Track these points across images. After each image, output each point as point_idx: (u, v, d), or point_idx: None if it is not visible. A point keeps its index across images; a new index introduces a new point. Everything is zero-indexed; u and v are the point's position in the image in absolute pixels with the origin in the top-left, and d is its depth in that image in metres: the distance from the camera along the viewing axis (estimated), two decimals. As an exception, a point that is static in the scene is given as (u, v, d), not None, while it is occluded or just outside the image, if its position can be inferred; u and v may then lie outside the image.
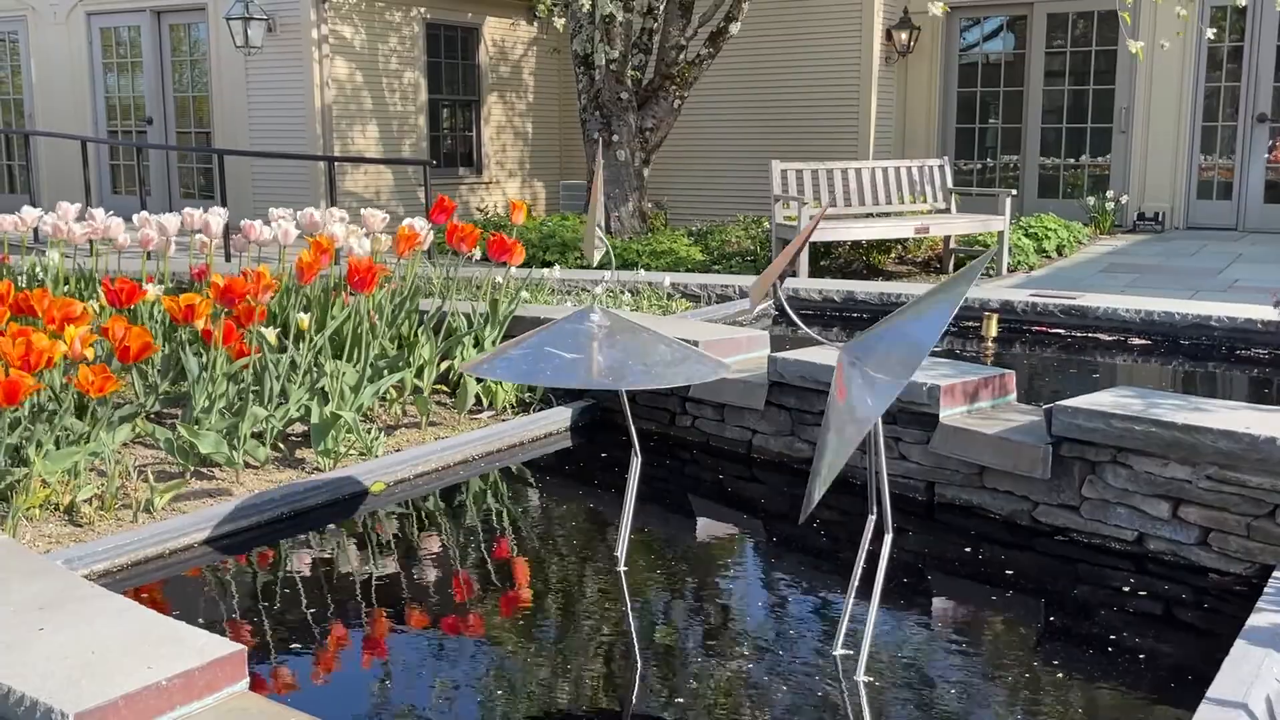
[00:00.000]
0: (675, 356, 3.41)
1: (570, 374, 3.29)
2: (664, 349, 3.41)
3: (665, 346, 3.43)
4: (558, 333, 3.39)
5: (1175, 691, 3.01)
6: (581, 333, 3.37)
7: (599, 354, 3.31)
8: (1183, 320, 6.69)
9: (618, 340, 3.37)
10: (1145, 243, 11.62)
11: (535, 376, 3.31)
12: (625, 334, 3.41)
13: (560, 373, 3.29)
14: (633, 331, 3.44)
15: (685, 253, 9.96)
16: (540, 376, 3.30)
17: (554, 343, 3.35)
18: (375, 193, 13.09)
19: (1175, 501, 3.81)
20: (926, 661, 3.19)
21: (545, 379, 3.30)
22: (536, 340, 3.40)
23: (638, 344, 3.39)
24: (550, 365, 3.29)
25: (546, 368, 3.29)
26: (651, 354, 3.37)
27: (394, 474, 4.64)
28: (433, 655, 3.25)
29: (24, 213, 6.25)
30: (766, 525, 4.37)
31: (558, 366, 3.28)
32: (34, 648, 2.54)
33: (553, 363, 3.29)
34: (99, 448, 4.21)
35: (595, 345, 3.33)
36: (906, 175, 10.35)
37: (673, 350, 3.43)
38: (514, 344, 3.44)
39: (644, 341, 3.41)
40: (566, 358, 3.29)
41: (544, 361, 3.30)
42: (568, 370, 3.29)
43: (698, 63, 11.23)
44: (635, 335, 3.42)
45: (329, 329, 5.23)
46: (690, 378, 3.42)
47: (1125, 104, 12.79)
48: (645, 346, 3.39)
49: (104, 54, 14.20)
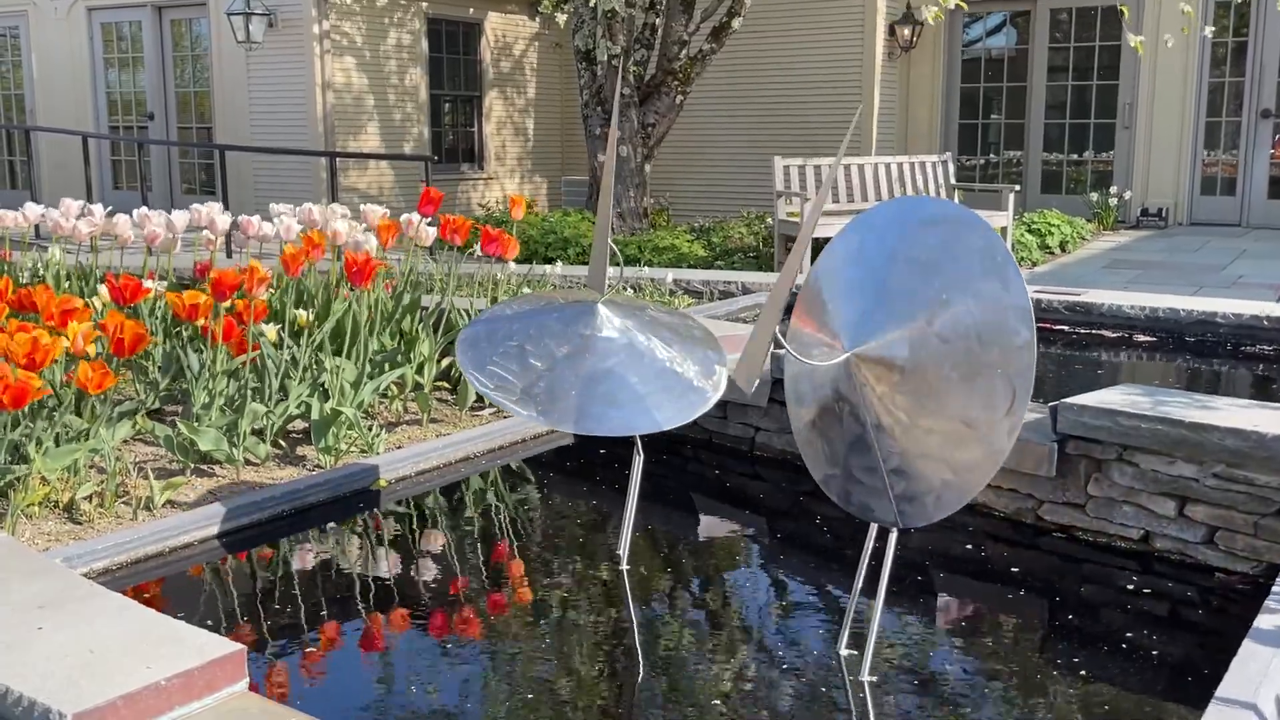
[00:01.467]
0: (665, 381, 3.30)
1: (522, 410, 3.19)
2: (664, 366, 3.31)
3: (666, 364, 3.34)
4: (539, 339, 3.30)
5: (1183, 691, 2.99)
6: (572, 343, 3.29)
7: (570, 394, 3.20)
8: (1188, 317, 6.66)
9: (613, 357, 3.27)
10: (1149, 239, 11.59)
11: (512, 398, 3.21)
12: (617, 354, 3.32)
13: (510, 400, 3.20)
14: (634, 346, 3.35)
15: (687, 249, 9.94)
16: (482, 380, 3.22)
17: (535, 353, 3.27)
18: (377, 189, 13.07)
19: (1182, 500, 3.79)
20: (931, 661, 3.17)
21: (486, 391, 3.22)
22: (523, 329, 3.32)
23: (635, 354, 3.29)
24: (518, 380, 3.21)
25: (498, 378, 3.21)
26: (649, 367, 3.28)
27: (396, 471, 4.61)
28: (434, 654, 3.23)
29: (26, 209, 6.23)
30: (769, 523, 4.35)
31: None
32: (33, 647, 2.52)
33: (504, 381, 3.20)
34: (99, 445, 4.19)
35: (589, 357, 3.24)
36: (909, 171, 10.32)
37: (668, 366, 3.34)
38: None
39: (644, 350, 3.32)
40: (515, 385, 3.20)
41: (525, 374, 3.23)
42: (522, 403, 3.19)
43: (700, 58, 11.20)
44: (635, 344, 3.34)
45: (329, 324, 5.21)
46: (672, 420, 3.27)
47: (1129, 99, 12.75)
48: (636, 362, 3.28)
49: (105, 49, 14.18)
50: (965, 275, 2.77)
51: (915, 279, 2.86)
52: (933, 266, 2.83)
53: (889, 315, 2.92)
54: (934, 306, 2.81)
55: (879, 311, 2.94)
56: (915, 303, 2.86)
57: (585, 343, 3.32)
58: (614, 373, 3.28)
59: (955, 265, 2.79)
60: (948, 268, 2.80)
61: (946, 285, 2.79)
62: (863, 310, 2.97)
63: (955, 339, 2.78)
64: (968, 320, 2.75)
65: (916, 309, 2.85)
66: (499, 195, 14.55)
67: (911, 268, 2.88)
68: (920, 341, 2.84)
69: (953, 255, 2.80)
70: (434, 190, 5.83)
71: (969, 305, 2.74)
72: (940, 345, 2.79)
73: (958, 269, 2.79)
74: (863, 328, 2.98)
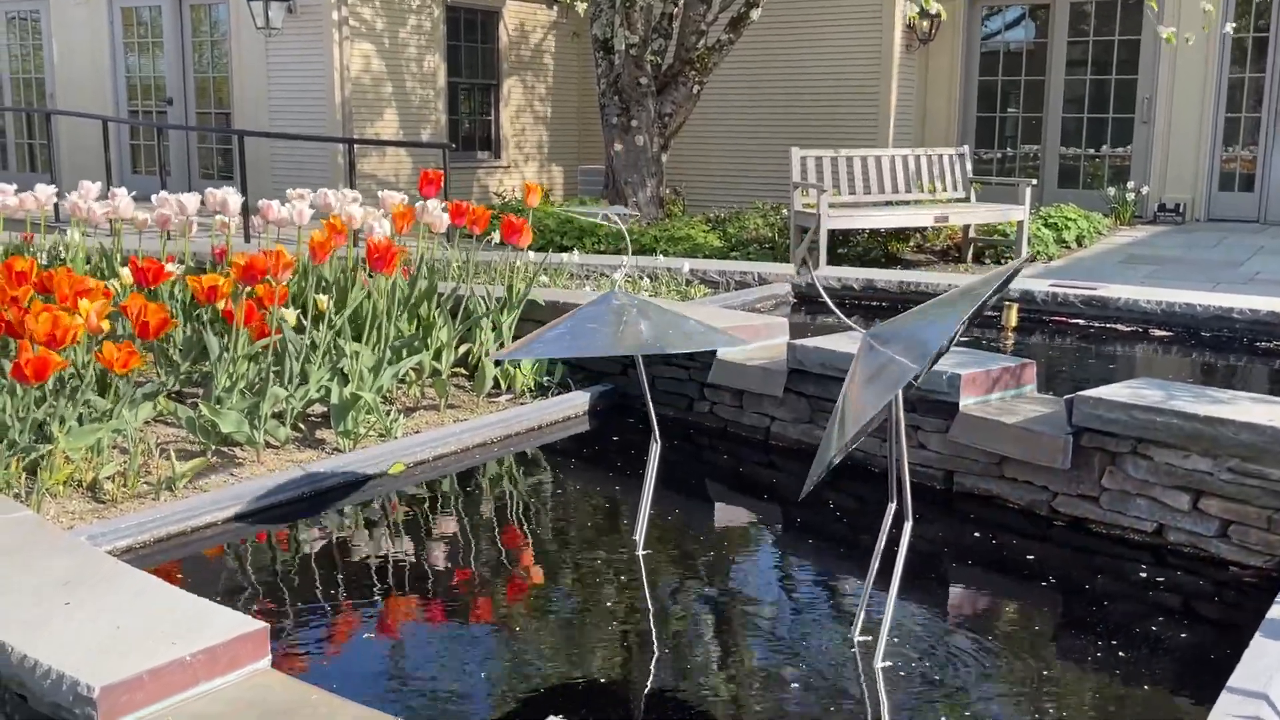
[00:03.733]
0: (704, 329, 3.46)
1: (613, 344, 3.31)
2: (694, 323, 3.45)
3: (695, 321, 3.48)
4: (588, 314, 3.41)
5: (1194, 683, 3.01)
6: (612, 309, 3.40)
7: (638, 325, 3.33)
8: (1204, 312, 6.66)
9: (650, 315, 3.40)
10: (1166, 234, 11.56)
11: (578, 350, 3.33)
12: (655, 311, 3.44)
13: (601, 343, 3.32)
14: (660, 309, 3.48)
15: (703, 239, 9.95)
16: (584, 348, 3.33)
17: (590, 320, 3.38)
18: (394, 176, 13.10)
19: (1196, 493, 3.80)
20: (945, 649, 3.19)
21: (592, 349, 3.32)
22: (571, 321, 3.41)
23: (669, 318, 3.43)
24: (591, 339, 3.32)
25: (588, 342, 3.32)
26: (685, 325, 3.41)
27: (413, 455, 4.65)
28: (452, 634, 3.27)
29: (37, 190, 6.25)
30: (784, 511, 4.38)
31: (600, 338, 3.31)
32: (60, 623, 2.56)
33: (593, 337, 3.31)
34: (121, 425, 4.23)
35: (630, 318, 3.36)
36: (926, 164, 10.31)
37: (701, 324, 3.48)
38: (547, 327, 3.45)
39: (674, 316, 3.46)
40: (606, 330, 3.32)
41: (584, 337, 3.32)
42: (609, 341, 3.31)
43: (718, 48, 11.19)
44: (664, 311, 3.47)
45: (348, 310, 5.25)
46: (722, 344, 3.47)
47: (1148, 94, 12.71)
48: (677, 320, 3.44)
49: (125, 34, 14.23)
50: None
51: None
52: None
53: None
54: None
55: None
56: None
57: (637, 308, 3.43)
58: (678, 319, 3.46)
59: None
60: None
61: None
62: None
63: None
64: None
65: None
66: (516, 183, 14.57)
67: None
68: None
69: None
70: (432, 172, 5.86)
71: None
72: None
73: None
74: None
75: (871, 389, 2.73)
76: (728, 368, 5.16)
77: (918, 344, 2.68)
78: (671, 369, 5.43)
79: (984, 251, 10.15)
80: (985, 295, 2.69)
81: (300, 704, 2.41)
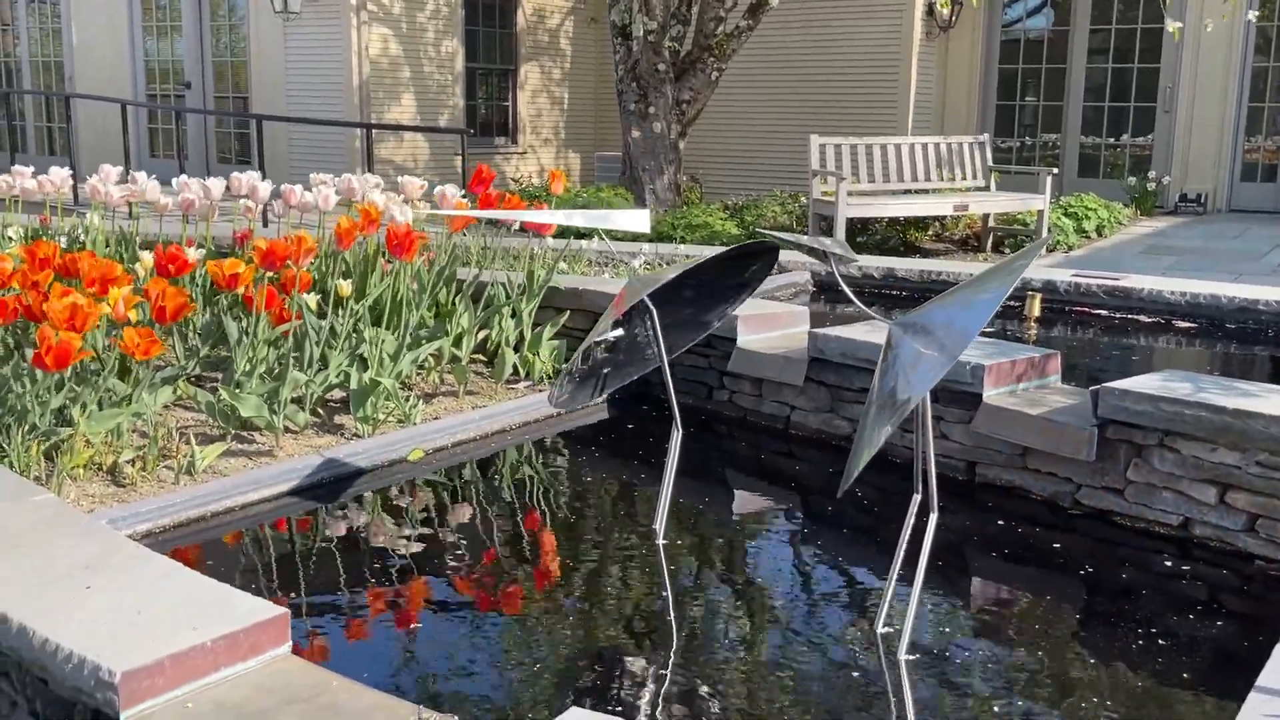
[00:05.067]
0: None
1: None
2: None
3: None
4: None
5: (1222, 680, 2.98)
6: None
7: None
8: (1229, 304, 6.60)
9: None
10: (1187, 224, 11.47)
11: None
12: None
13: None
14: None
15: (721, 227, 9.91)
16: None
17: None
18: (412, 161, 13.08)
19: (1223, 487, 3.76)
20: (969, 641, 3.17)
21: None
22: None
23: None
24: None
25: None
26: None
27: (432, 442, 4.64)
28: (470, 621, 3.25)
29: (51, 174, 6.25)
30: (805, 501, 4.35)
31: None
32: (81, 606, 2.55)
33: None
34: (141, 409, 4.23)
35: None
36: (946, 152, 10.24)
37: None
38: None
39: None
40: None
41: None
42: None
43: (737, 35, 11.13)
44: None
45: (369, 296, 5.23)
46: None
47: (1169, 83, 12.60)
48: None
49: (143, 17, 14.22)
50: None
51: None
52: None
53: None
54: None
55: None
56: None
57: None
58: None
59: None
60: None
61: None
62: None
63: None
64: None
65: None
66: (533, 169, 14.54)
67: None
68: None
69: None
70: (486, 169, 5.83)
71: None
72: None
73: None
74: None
75: (908, 380, 2.70)
76: (748, 356, 5.13)
77: (956, 334, 2.65)
78: (691, 357, 5.41)
79: (1003, 241, 10.09)
80: (1014, 281, 2.66)
81: (320, 689, 2.40)
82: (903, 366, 2.75)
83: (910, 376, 2.71)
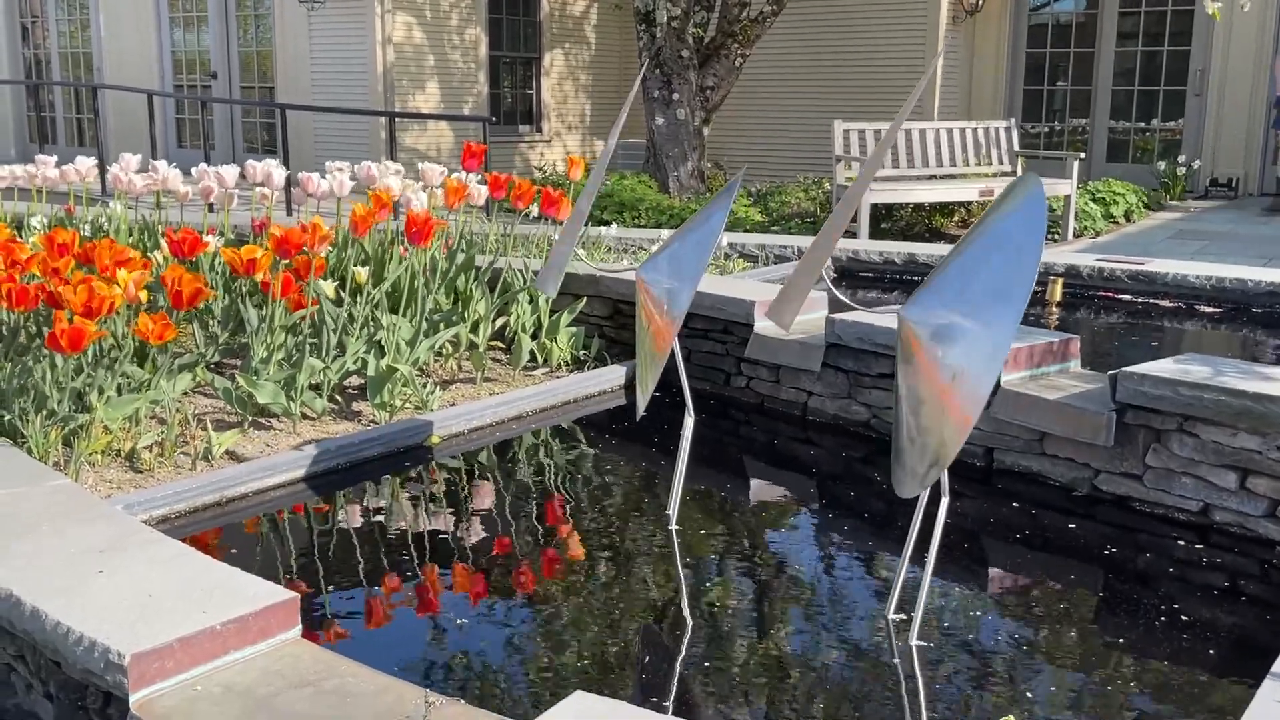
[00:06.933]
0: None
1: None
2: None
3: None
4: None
5: (1239, 665, 2.94)
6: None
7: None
8: (1256, 288, 6.51)
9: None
10: (1217, 210, 11.34)
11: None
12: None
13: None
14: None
15: (744, 213, 9.87)
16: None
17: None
18: (436, 149, 13.11)
19: (1243, 472, 3.71)
20: (981, 628, 3.15)
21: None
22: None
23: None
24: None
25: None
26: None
27: (449, 428, 4.65)
28: (483, 607, 3.26)
29: (77, 163, 6.31)
30: (820, 487, 4.34)
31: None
32: (93, 589, 2.57)
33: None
34: (159, 395, 4.26)
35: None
36: (972, 137, 10.16)
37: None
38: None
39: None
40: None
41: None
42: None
43: (761, 20, 11.08)
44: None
45: (386, 282, 5.25)
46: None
47: (1200, 67, 12.44)
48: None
49: (170, 8, 14.31)
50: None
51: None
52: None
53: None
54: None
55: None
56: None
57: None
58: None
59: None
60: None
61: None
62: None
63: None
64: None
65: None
66: (557, 157, 14.54)
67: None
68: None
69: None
70: (475, 145, 5.83)
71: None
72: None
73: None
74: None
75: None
76: (765, 342, 5.11)
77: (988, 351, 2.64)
78: (709, 343, 5.39)
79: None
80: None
81: (329, 673, 2.41)
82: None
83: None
